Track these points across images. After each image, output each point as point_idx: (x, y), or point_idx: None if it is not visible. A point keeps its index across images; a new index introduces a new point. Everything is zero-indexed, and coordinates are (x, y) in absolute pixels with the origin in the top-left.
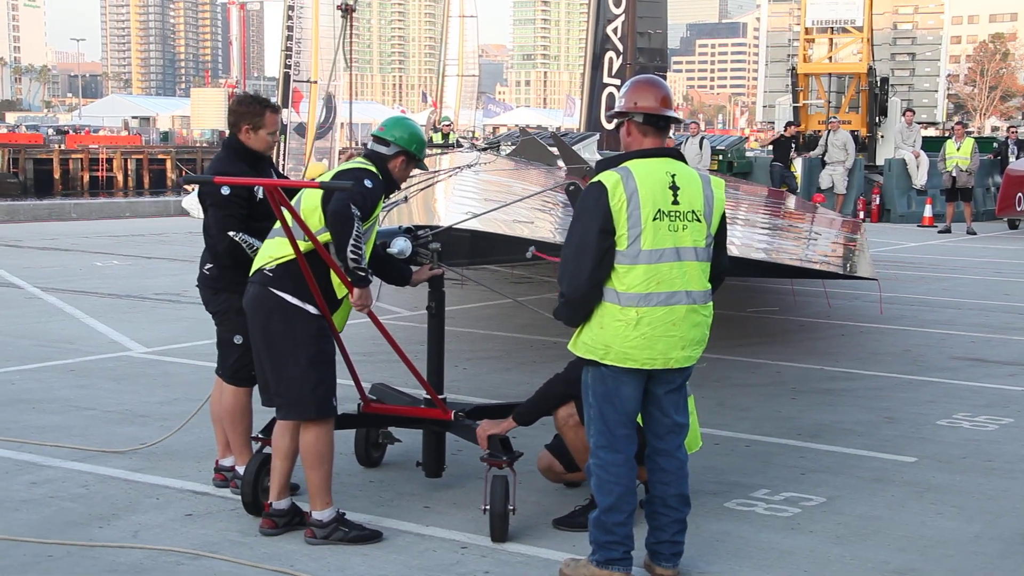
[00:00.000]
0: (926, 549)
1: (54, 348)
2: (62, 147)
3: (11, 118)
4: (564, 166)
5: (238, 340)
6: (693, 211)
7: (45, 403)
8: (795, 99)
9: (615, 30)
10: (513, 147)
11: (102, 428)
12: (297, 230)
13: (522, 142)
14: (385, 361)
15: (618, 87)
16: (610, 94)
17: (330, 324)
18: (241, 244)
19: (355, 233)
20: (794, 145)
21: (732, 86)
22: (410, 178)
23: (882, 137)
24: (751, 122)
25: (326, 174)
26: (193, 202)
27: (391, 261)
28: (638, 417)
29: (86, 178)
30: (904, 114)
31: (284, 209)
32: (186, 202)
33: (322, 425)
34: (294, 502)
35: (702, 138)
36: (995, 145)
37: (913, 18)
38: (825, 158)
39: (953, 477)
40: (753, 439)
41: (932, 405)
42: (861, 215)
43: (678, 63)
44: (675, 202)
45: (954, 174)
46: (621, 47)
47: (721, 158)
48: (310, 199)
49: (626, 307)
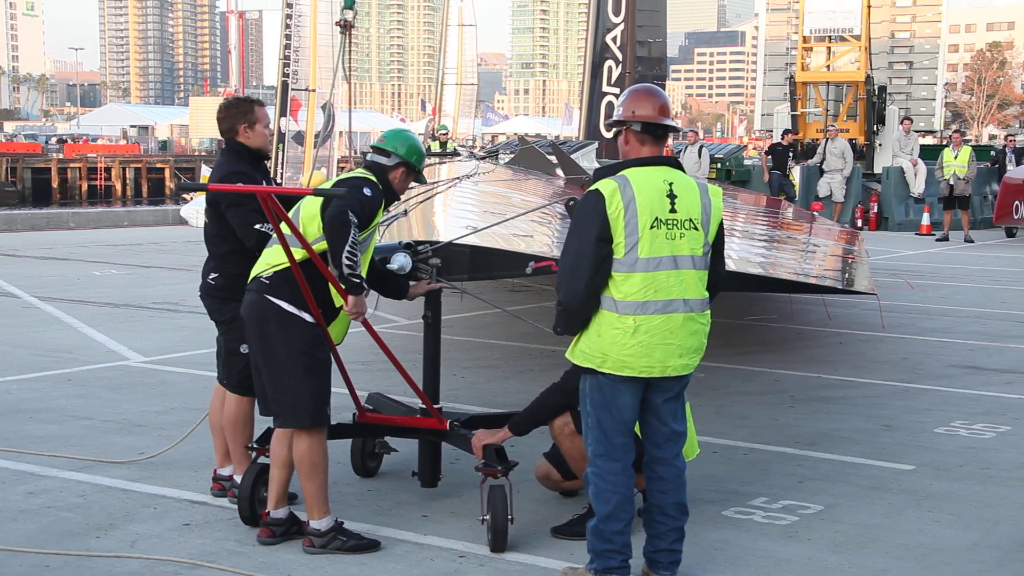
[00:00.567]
0: (924, 557)
1: (52, 357)
2: (60, 156)
3: (9, 127)
4: (563, 175)
5: (244, 350)
6: (690, 219)
7: (43, 413)
8: (793, 107)
9: (614, 39)
10: (512, 156)
11: (100, 438)
12: (293, 239)
13: (521, 151)
14: (382, 370)
15: (617, 96)
16: (609, 103)
17: (325, 333)
18: (270, 234)
19: (351, 240)
20: (792, 153)
21: (730, 94)
22: (409, 190)
23: (880, 145)
24: (749, 130)
25: (326, 183)
26: (192, 211)
27: (388, 275)
28: (636, 426)
29: (84, 187)
30: (902, 122)
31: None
32: (184, 211)
33: (315, 435)
34: (292, 511)
35: (700, 146)
36: (992, 153)
37: (911, 27)
38: (823, 166)
39: (951, 485)
40: (751, 447)
41: (929, 413)
42: (859, 223)
43: (676, 71)
44: (672, 210)
45: (951, 182)
46: (620, 56)
47: (719, 166)
48: (309, 207)
49: (623, 315)
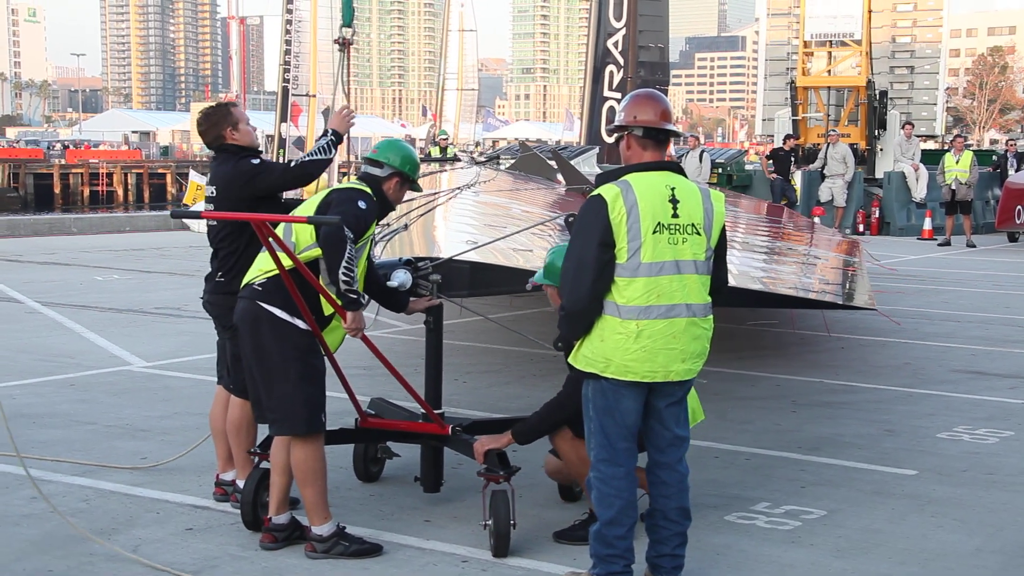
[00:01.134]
0: (927, 562)
1: (54, 363)
2: (62, 162)
3: (11, 133)
4: (564, 181)
5: None
6: (693, 224)
7: (46, 418)
8: (794, 112)
9: (615, 44)
10: (513, 161)
11: (103, 442)
12: (287, 245)
13: (522, 156)
14: (384, 375)
15: (618, 101)
16: (610, 108)
17: (321, 341)
18: (313, 157)
19: (347, 256)
20: (793, 158)
21: (731, 99)
22: (410, 201)
23: (881, 150)
24: (750, 135)
25: (322, 192)
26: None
27: (388, 288)
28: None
29: (86, 193)
30: (903, 127)
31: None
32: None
33: (312, 441)
34: (294, 516)
35: (701, 151)
36: (994, 158)
37: (912, 31)
38: (824, 171)
39: (954, 490)
40: (753, 452)
41: (932, 418)
42: (860, 228)
43: (677, 76)
44: (675, 215)
45: (953, 187)
46: (621, 60)
47: (720, 171)
48: (304, 213)
49: (626, 320)
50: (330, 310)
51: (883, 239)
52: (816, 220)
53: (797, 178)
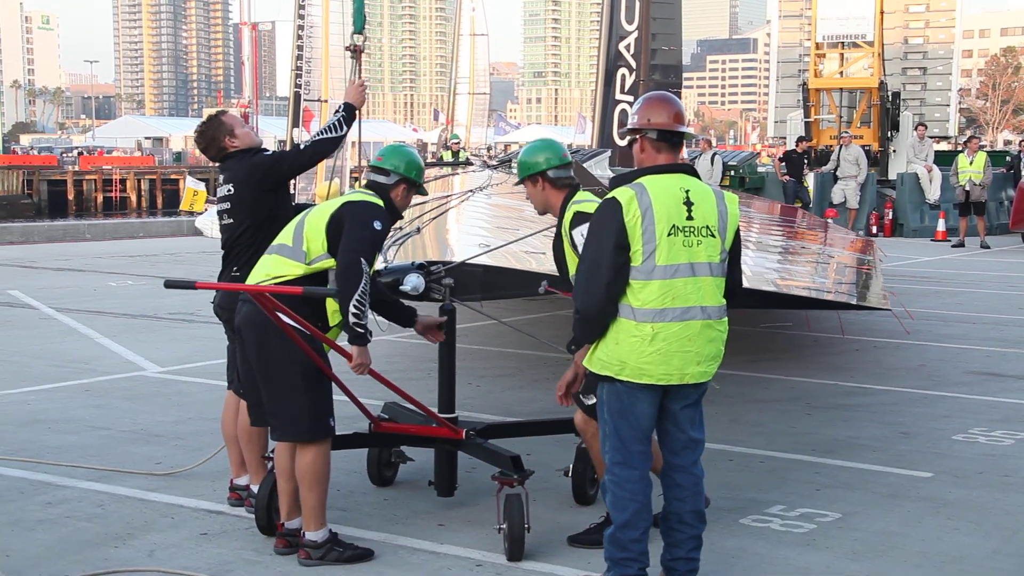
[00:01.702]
0: (943, 565)
1: (69, 368)
2: (76, 168)
3: (25, 140)
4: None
5: None
6: (707, 226)
7: (61, 423)
8: (806, 114)
9: (627, 47)
10: None
11: (117, 448)
12: (296, 253)
13: None
14: (397, 380)
15: (630, 104)
16: (622, 111)
17: (331, 344)
18: (325, 135)
19: (361, 289)
20: (806, 160)
21: (743, 102)
22: (422, 204)
23: (894, 151)
24: (762, 138)
25: (335, 202)
26: (207, 222)
27: (395, 303)
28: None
29: (100, 199)
30: (916, 128)
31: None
32: (199, 222)
33: (320, 446)
34: None
35: (714, 154)
36: (1008, 159)
37: (924, 32)
38: (837, 173)
39: (970, 492)
40: (768, 455)
41: (947, 420)
42: (874, 229)
43: (688, 79)
44: (689, 217)
45: (967, 188)
46: (634, 64)
47: (733, 174)
48: (316, 221)
49: (641, 323)
50: (337, 318)
51: (896, 241)
52: (829, 222)
53: (810, 180)
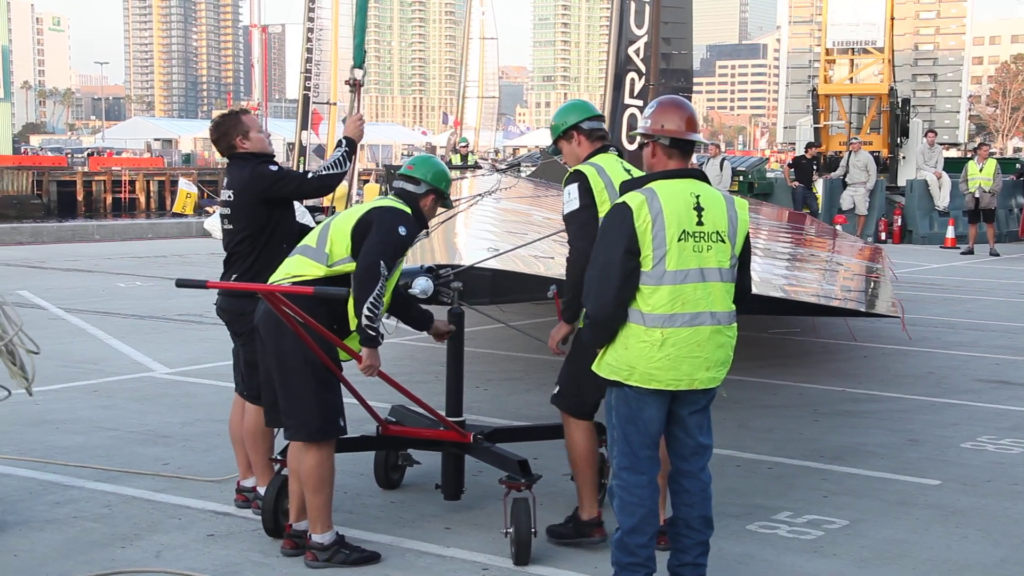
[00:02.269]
0: (951, 573)
1: (77, 369)
2: (85, 169)
3: (35, 141)
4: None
5: None
6: (718, 232)
7: (69, 423)
8: (816, 120)
9: (637, 51)
10: (534, 169)
11: (125, 448)
12: (319, 255)
13: (542, 164)
14: (405, 383)
15: (640, 108)
16: (631, 115)
17: (345, 348)
18: (330, 171)
19: (377, 292)
20: (815, 166)
21: (752, 107)
22: None
23: (903, 158)
24: (771, 143)
25: (365, 206)
26: (215, 224)
27: (411, 306)
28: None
29: (109, 200)
30: (926, 135)
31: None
32: (208, 224)
33: (324, 448)
34: None
35: (723, 159)
36: (1018, 166)
37: (934, 39)
38: (846, 179)
39: (978, 500)
40: (775, 461)
41: (956, 428)
42: (883, 236)
43: (698, 84)
44: (700, 223)
45: (977, 195)
46: (643, 68)
47: (742, 179)
48: (341, 224)
49: (651, 328)
50: (355, 323)
51: (905, 247)
52: (838, 228)
53: (819, 186)
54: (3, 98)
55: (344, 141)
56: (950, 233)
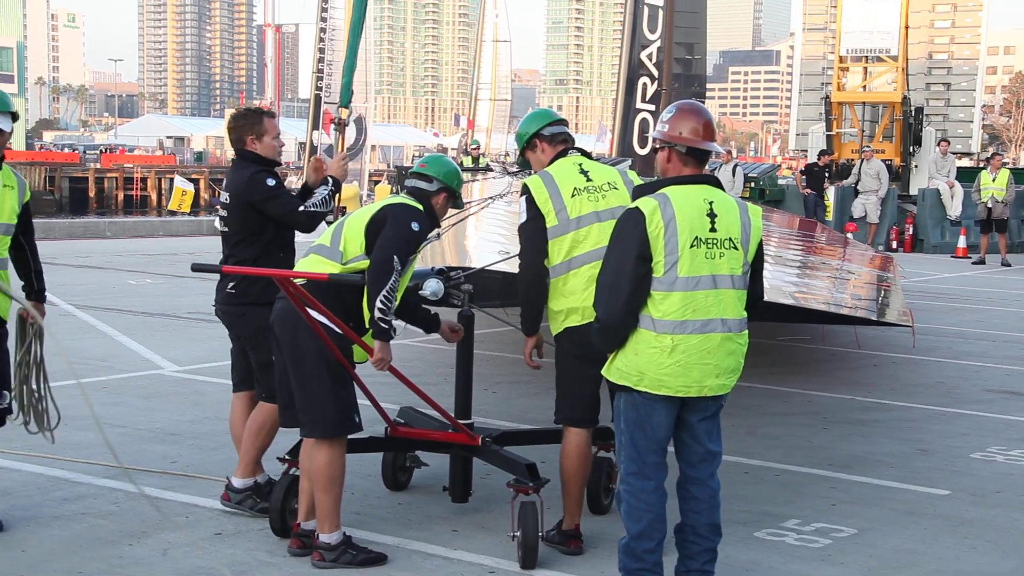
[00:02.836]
0: None
1: (87, 365)
2: (97, 166)
3: (48, 137)
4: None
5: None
6: (730, 239)
7: (78, 420)
8: (828, 127)
9: (649, 56)
10: None
11: (134, 445)
12: (333, 253)
13: None
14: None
15: (652, 113)
16: (643, 120)
17: (362, 344)
18: (317, 208)
19: (390, 286)
20: (827, 174)
21: (764, 113)
22: None
23: (916, 167)
24: (783, 150)
25: (376, 204)
26: None
27: (417, 308)
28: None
29: (120, 197)
30: (938, 144)
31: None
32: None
33: (336, 447)
34: None
35: (735, 165)
36: None
37: (949, 48)
38: (858, 187)
39: (987, 511)
40: (784, 468)
41: (966, 438)
42: (894, 245)
43: (710, 89)
44: (712, 229)
45: (990, 205)
46: (656, 73)
47: (753, 186)
48: (354, 224)
49: (661, 334)
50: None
51: (916, 256)
52: (849, 236)
53: (830, 194)
54: (17, 94)
55: (330, 180)
56: (962, 243)
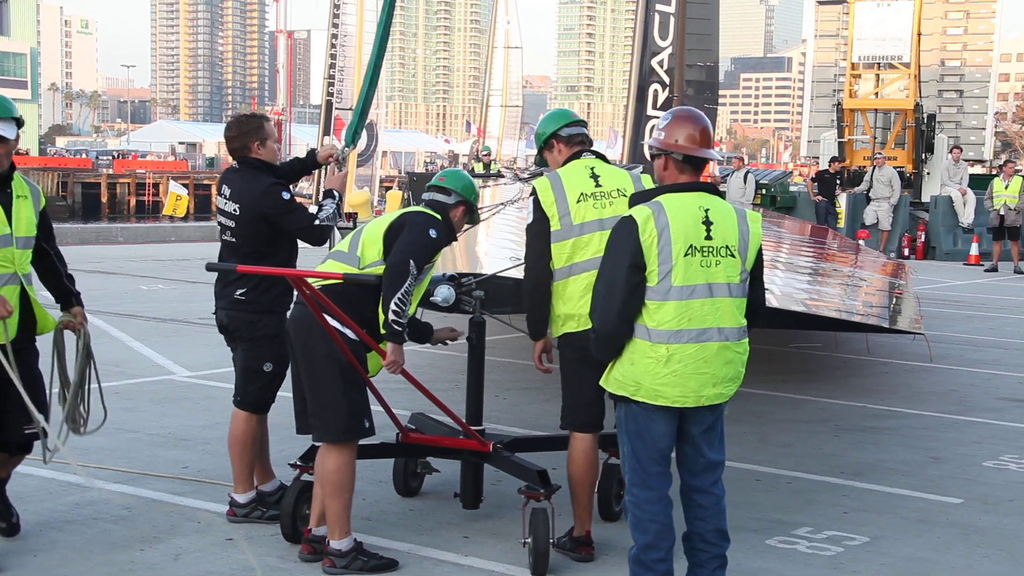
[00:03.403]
0: None
1: (100, 370)
2: (110, 172)
3: (61, 142)
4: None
5: (267, 368)
6: (727, 246)
7: (89, 424)
8: (840, 134)
9: (660, 62)
10: None
11: (146, 451)
12: (351, 258)
13: None
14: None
15: None
16: (654, 127)
17: (376, 349)
18: (328, 223)
19: (405, 289)
20: (839, 181)
21: (776, 120)
22: None
23: (928, 174)
24: (795, 156)
25: (395, 213)
26: None
27: (411, 320)
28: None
29: (133, 202)
30: (951, 151)
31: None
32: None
33: (346, 453)
34: None
35: (747, 172)
36: None
37: (961, 55)
38: (870, 194)
39: (1000, 520)
40: (795, 476)
41: (978, 446)
42: (906, 252)
43: (722, 96)
44: (708, 237)
45: (1002, 212)
46: (667, 79)
47: (764, 192)
48: (372, 230)
49: (656, 343)
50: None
51: (928, 264)
52: (861, 243)
53: (842, 201)
54: (30, 99)
55: (336, 195)
56: (974, 250)
